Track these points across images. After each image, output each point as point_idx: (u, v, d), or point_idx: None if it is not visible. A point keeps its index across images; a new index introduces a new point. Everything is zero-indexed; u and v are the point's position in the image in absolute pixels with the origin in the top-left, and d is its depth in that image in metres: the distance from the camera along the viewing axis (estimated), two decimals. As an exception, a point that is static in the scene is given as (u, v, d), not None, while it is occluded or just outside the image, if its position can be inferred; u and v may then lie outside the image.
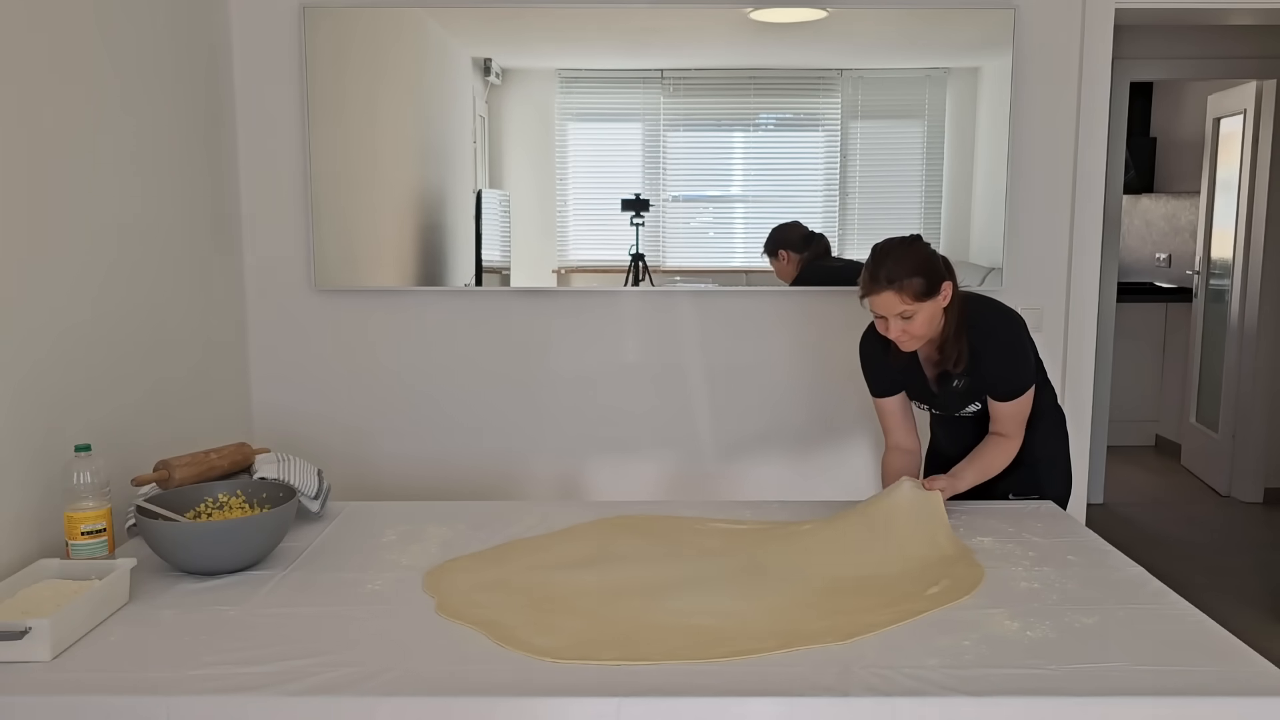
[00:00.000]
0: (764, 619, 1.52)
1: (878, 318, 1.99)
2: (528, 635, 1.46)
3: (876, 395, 2.19)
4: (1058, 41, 2.88)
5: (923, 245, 2.00)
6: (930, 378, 2.12)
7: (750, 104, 2.95)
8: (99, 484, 1.76)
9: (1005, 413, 2.07)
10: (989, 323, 2.07)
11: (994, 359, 2.05)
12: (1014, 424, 2.08)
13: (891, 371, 2.14)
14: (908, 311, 1.94)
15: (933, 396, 2.15)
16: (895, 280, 1.92)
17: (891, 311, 1.95)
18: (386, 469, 3.01)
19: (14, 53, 1.81)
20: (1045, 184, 2.93)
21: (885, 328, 1.99)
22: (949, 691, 1.29)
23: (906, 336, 1.98)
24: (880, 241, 2.01)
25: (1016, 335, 2.09)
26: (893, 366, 2.12)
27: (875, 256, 1.97)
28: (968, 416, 2.16)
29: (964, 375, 2.06)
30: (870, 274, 1.95)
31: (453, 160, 2.92)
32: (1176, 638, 1.45)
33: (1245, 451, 4.73)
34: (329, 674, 1.35)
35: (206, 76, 2.65)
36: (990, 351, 2.04)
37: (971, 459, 2.08)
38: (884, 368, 2.14)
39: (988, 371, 2.05)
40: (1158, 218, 6.08)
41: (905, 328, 1.96)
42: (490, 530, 1.96)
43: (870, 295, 1.96)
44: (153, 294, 2.32)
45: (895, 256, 1.95)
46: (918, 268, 1.94)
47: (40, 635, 1.37)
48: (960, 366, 2.04)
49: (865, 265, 1.98)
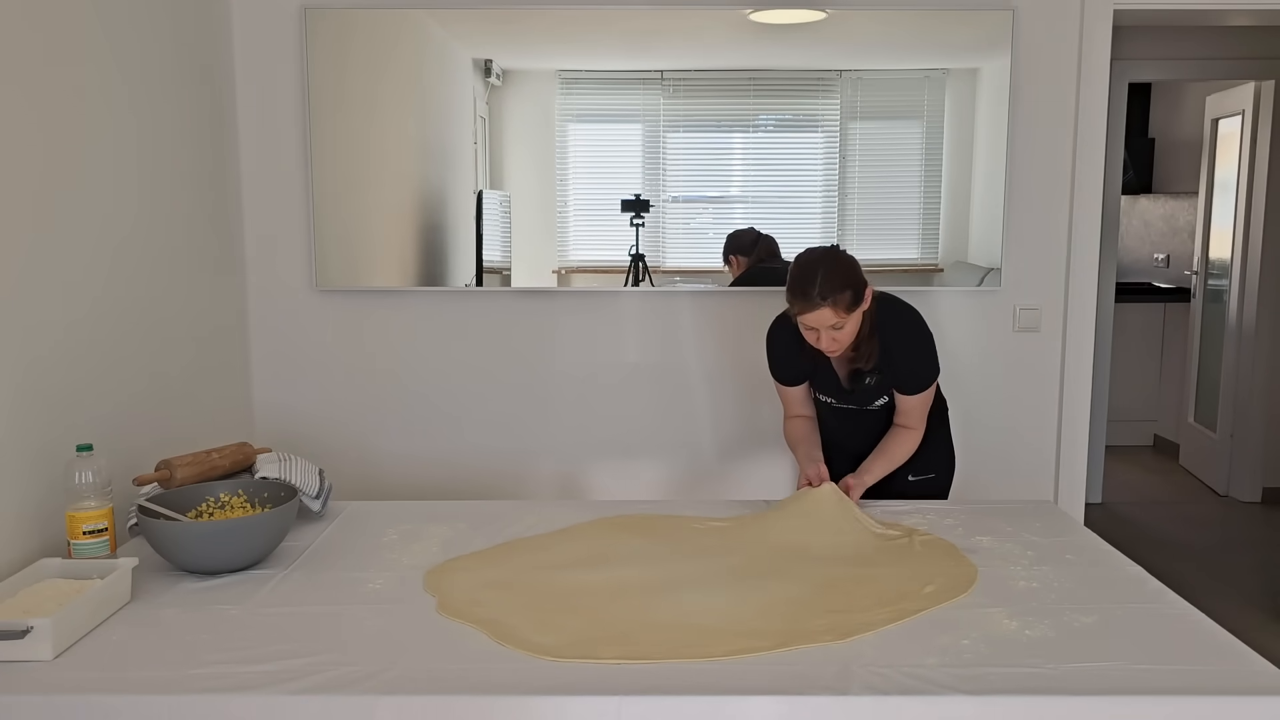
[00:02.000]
0: (763, 618, 1.53)
1: (807, 329, 2.01)
2: (528, 634, 1.46)
3: (784, 384, 2.25)
4: (1056, 42, 2.88)
5: (845, 256, 2.03)
6: (842, 374, 2.16)
7: (750, 105, 2.95)
8: (101, 483, 1.76)
9: (912, 405, 2.15)
10: (900, 321, 2.12)
11: (905, 355, 2.11)
12: (918, 415, 2.17)
13: (801, 365, 2.19)
14: (840, 323, 1.98)
15: (844, 392, 2.18)
16: (828, 296, 1.94)
17: (825, 325, 1.97)
18: (388, 469, 3.01)
19: (14, 53, 1.81)
20: (1044, 184, 2.94)
21: (816, 339, 2.01)
22: (948, 690, 1.29)
23: (835, 345, 2.02)
24: (802, 255, 2.03)
25: (923, 332, 2.14)
26: (804, 362, 2.17)
27: (805, 272, 1.97)
28: (872, 410, 2.20)
29: (875, 371, 2.11)
30: (803, 291, 1.96)
31: (453, 161, 2.92)
32: (1175, 637, 1.46)
33: (1243, 451, 4.74)
34: (330, 673, 1.35)
35: (207, 77, 2.66)
36: (902, 348, 2.11)
37: (878, 453, 2.15)
38: (793, 362, 2.19)
39: (900, 367, 2.12)
40: (1156, 218, 6.09)
41: (834, 337, 2.00)
42: (490, 530, 1.97)
43: (805, 313, 1.97)
44: (154, 294, 2.32)
45: (826, 272, 1.95)
46: (847, 281, 1.97)
47: (42, 634, 1.38)
48: (873, 363, 2.09)
49: (795, 280, 1.98)
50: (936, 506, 2.12)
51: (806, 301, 1.96)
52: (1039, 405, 3.03)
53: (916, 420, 2.17)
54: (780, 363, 2.23)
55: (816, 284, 1.94)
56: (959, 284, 2.98)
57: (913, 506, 2.12)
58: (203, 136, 2.62)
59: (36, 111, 1.87)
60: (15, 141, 1.81)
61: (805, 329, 2.02)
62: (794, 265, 2.02)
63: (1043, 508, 2.12)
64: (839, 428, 2.29)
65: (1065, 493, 3.04)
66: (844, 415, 2.25)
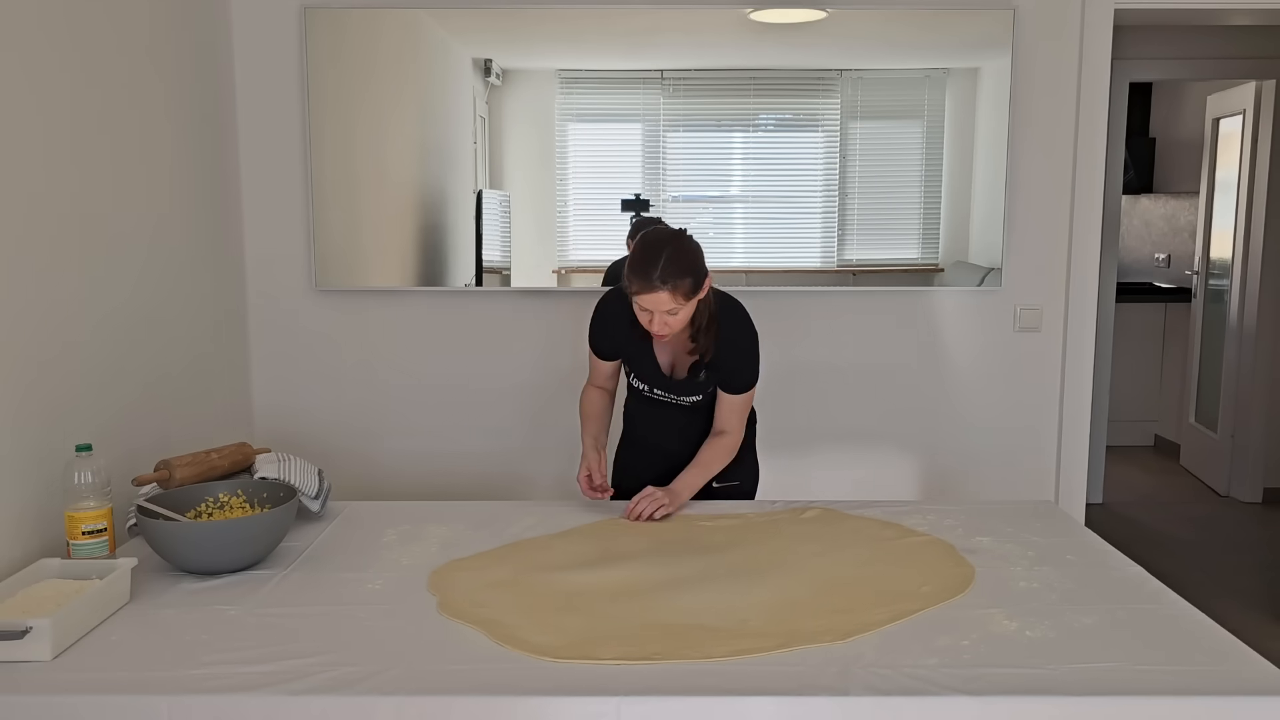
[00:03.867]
0: (763, 618, 1.53)
1: (641, 310, 1.97)
2: (527, 634, 1.46)
3: (595, 353, 2.22)
4: (1057, 42, 2.88)
5: (691, 242, 1.99)
6: (664, 362, 2.14)
7: (750, 104, 2.95)
8: (100, 484, 1.76)
9: (734, 405, 2.14)
10: (737, 318, 2.11)
11: (737, 353, 2.11)
12: (739, 418, 2.16)
13: (623, 344, 2.16)
14: (675, 309, 1.95)
15: (662, 379, 2.16)
16: (669, 280, 1.90)
17: (660, 308, 1.94)
18: (387, 469, 3.01)
19: (15, 53, 1.81)
20: (1044, 184, 2.94)
21: (648, 320, 1.98)
22: (948, 691, 1.29)
23: (666, 330, 1.99)
24: (649, 235, 1.99)
25: (755, 333, 2.14)
26: (634, 340, 2.12)
27: (649, 254, 1.93)
28: (683, 406, 2.19)
29: (707, 365, 2.09)
30: (644, 273, 1.91)
31: (453, 161, 2.92)
32: (1175, 637, 1.46)
33: (1244, 451, 4.73)
34: (329, 673, 1.35)
35: (207, 77, 2.66)
36: (736, 345, 2.10)
37: (694, 464, 2.13)
38: (619, 337, 2.15)
39: (731, 364, 2.11)
40: (1157, 218, 6.09)
41: (667, 321, 1.97)
42: (490, 530, 1.97)
43: (643, 294, 1.93)
44: (153, 294, 2.32)
45: (670, 256, 1.91)
46: (690, 267, 1.94)
47: (41, 635, 1.38)
48: (710, 356, 2.07)
49: (637, 260, 1.93)
50: (937, 507, 2.12)
51: (646, 282, 1.91)
52: (1039, 405, 3.03)
53: (736, 424, 2.15)
54: (603, 335, 2.18)
55: (659, 267, 1.89)
56: (959, 284, 2.98)
57: (913, 506, 2.12)
58: (203, 136, 2.62)
59: (36, 112, 1.87)
60: (14, 143, 1.80)
61: (640, 309, 1.97)
62: (638, 244, 1.97)
63: (1043, 508, 2.12)
64: (643, 417, 2.27)
65: (1066, 493, 3.04)
66: (652, 404, 2.22)
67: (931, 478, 3.07)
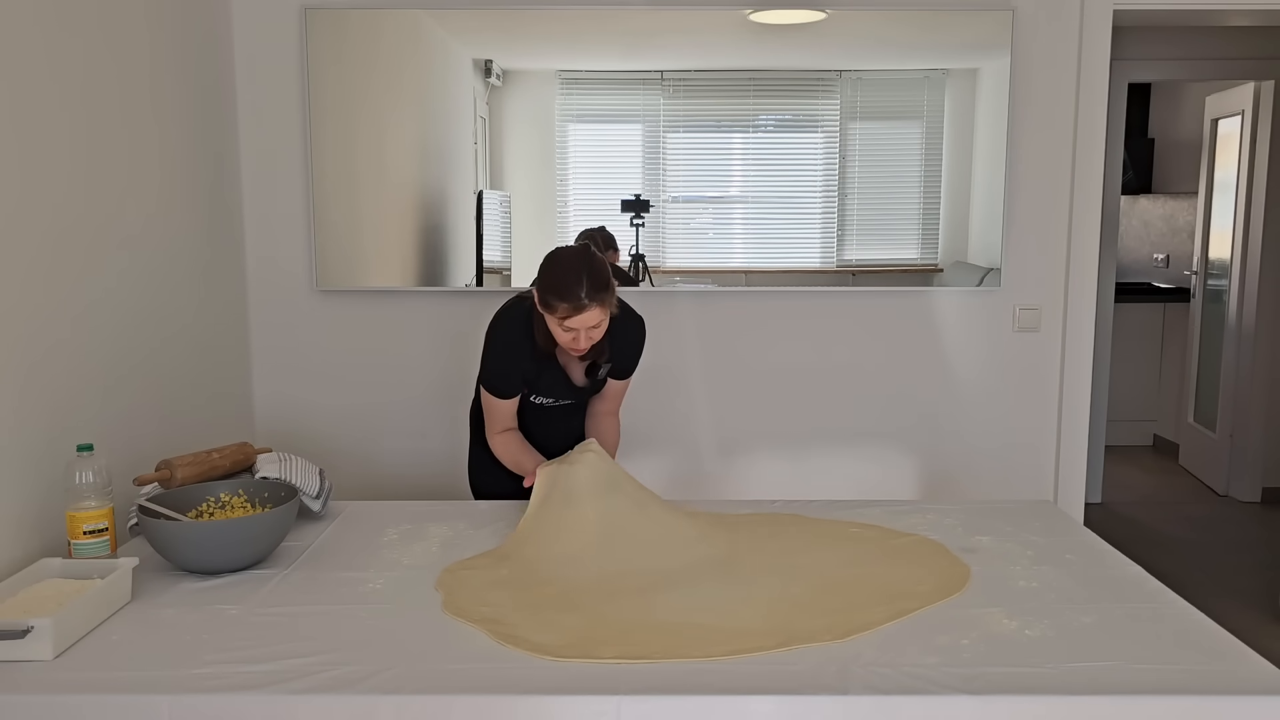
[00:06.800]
0: (763, 618, 1.53)
1: (566, 330, 1.93)
2: (528, 633, 1.46)
3: (504, 397, 2.09)
4: (1056, 43, 2.88)
5: (596, 253, 1.97)
6: (576, 374, 2.13)
7: (749, 105, 2.95)
8: (101, 483, 1.76)
9: (620, 389, 2.23)
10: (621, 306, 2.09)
11: (628, 339, 2.14)
12: (621, 399, 2.25)
13: (530, 373, 2.09)
14: (600, 323, 1.94)
15: (573, 389, 2.15)
16: (595, 296, 1.89)
17: (588, 325, 1.92)
18: (388, 469, 3.01)
19: (15, 53, 1.81)
20: (1043, 185, 2.94)
21: (574, 339, 1.94)
22: (948, 690, 1.29)
23: (589, 344, 1.98)
24: (560, 255, 1.96)
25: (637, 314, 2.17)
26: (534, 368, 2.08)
27: (569, 275, 1.89)
28: (582, 406, 2.24)
29: (607, 361, 2.11)
30: (570, 293, 1.87)
31: (453, 161, 2.92)
32: (1174, 637, 1.46)
33: (1243, 451, 4.74)
34: (330, 673, 1.35)
35: (207, 77, 2.66)
36: (628, 333, 2.13)
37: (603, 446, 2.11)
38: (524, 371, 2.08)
39: (627, 351, 2.14)
40: (1156, 218, 6.09)
41: (592, 336, 1.96)
42: (490, 530, 1.97)
43: (573, 315, 1.89)
44: (154, 294, 2.32)
45: (589, 272, 1.89)
46: (607, 278, 1.93)
47: (42, 634, 1.38)
48: (607, 354, 2.09)
49: (558, 283, 1.89)
50: (936, 506, 2.12)
51: (575, 303, 1.88)
52: (1039, 405, 3.03)
53: (619, 404, 2.24)
54: (511, 374, 2.08)
55: (584, 285, 1.88)
56: (959, 284, 2.98)
57: (912, 506, 2.12)
58: (203, 136, 2.62)
59: (36, 112, 1.87)
60: (14, 143, 1.81)
61: (564, 330, 1.93)
62: (552, 267, 1.94)
63: (1042, 508, 2.12)
64: (543, 431, 2.19)
65: (1065, 492, 3.04)
66: (553, 416, 2.19)
67: (931, 477, 3.07)
